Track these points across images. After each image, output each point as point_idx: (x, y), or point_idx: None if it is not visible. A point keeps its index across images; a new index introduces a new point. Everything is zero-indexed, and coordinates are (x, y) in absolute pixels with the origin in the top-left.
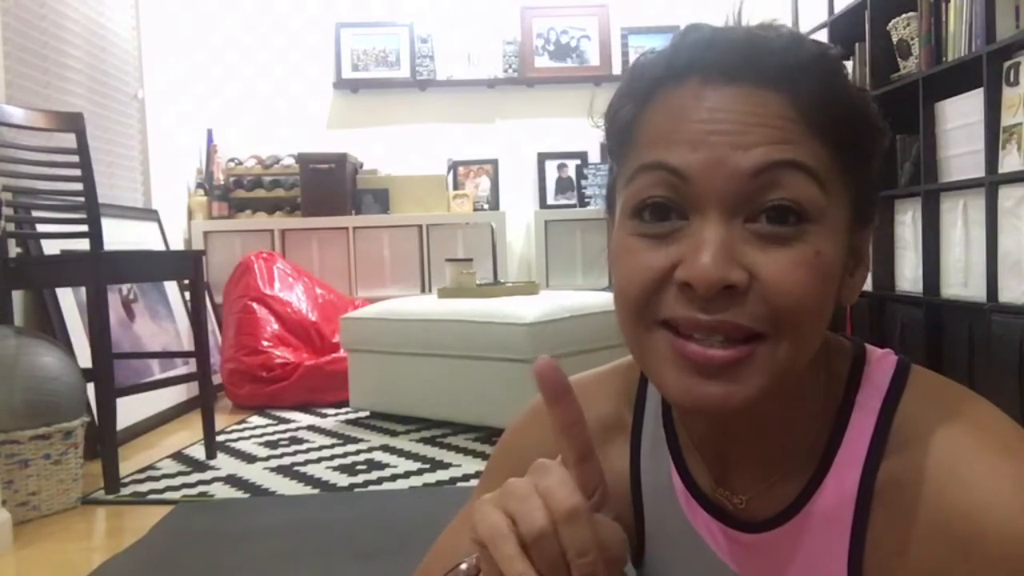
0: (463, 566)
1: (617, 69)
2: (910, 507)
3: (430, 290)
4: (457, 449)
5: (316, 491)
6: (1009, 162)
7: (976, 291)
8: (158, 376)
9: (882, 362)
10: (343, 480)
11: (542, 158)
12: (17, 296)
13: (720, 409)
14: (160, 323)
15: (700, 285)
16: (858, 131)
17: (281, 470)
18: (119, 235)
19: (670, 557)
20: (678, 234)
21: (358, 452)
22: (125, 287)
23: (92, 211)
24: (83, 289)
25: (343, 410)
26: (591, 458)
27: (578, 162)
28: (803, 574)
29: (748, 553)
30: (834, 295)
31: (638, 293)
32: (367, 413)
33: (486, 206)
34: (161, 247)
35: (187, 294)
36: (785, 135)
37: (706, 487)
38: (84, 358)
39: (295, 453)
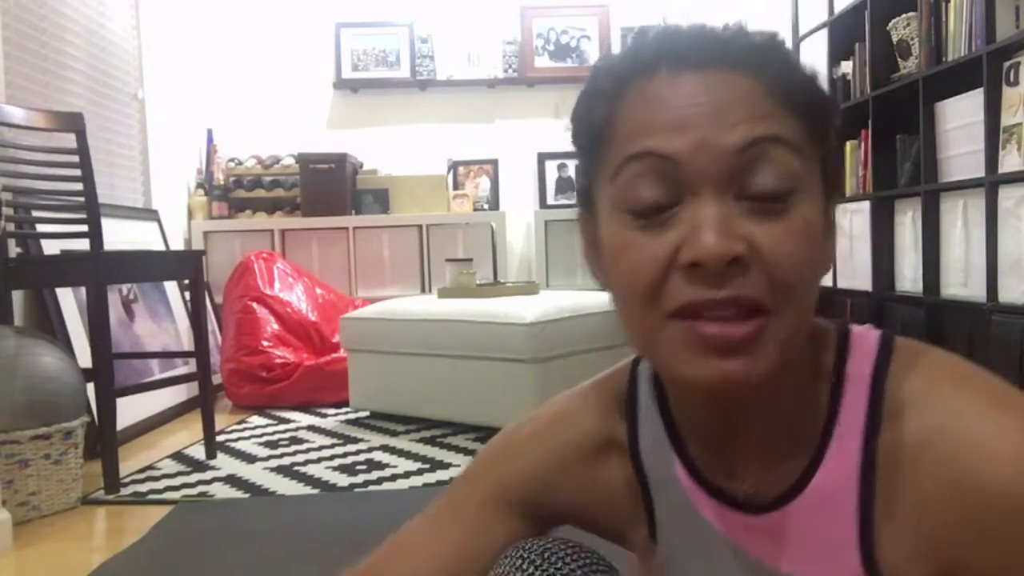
0: None
1: None
2: (914, 473)
3: (430, 290)
4: (457, 449)
5: (316, 491)
6: (1009, 162)
7: (976, 291)
8: (158, 376)
9: (867, 335)
10: (343, 480)
11: (542, 158)
12: (17, 296)
13: (742, 385)
14: (160, 323)
15: (709, 261)
16: (819, 102)
17: (281, 470)
18: (119, 235)
19: (683, 547)
20: (674, 219)
21: (358, 452)
22: (125, 287)
23: (92, 211)
24: (83, 289)
25: (343, 410)
26: None
27: (578, 162)
28: (814, 550)
29: (758, 535)
30: (821, 262)
31: (645, 285)
32: (367, 413)
33: (486, 206)
34: (161, 247)
35: (187, 294)
36: (761, 111)
37: (711, 475)
38: (84, 358)
39: (295, 453)
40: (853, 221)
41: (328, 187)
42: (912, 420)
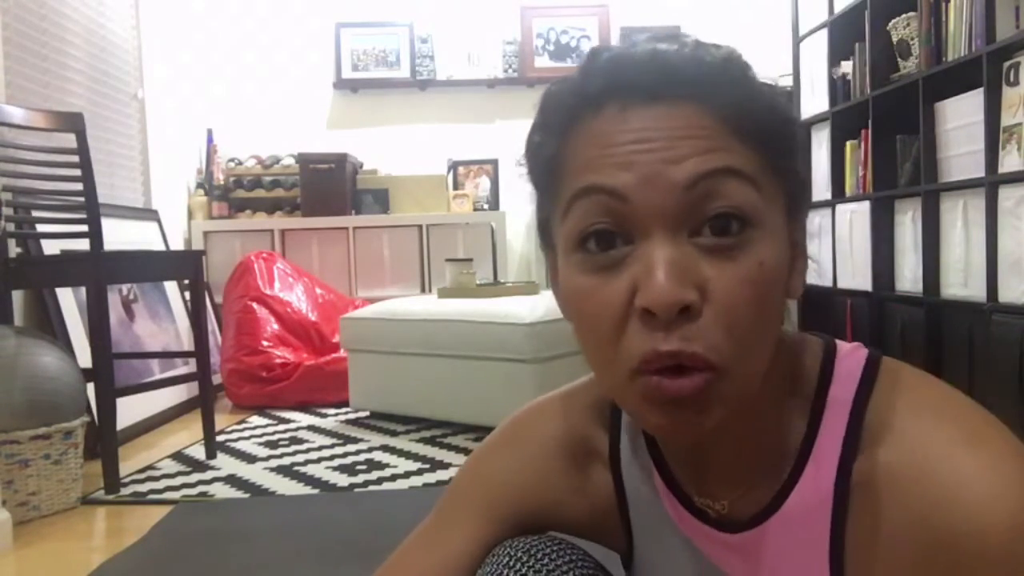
0: None
1: None
2: (885, 504)
3: (430, 290)
4: (457, 449)
5: (316, 491)
6: (1009, 162)
7: (976, 291)
8: (158, 376)
9: (852, 356)
10: (343, 480)
11: None
12: (17, 296)
13: (695, 435)
14: (160, 323)
15: (659, 309)
16: (777, 128)
17: (281, 470)
18: (119, 235)
19: (659, 559)
20: (628, 260)
21: (358, 452)
22: (125, 287)
23: (92, 211)
24: (83, 289)
25: (343, 410)
26: None
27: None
28: (786, 570)
29: (732, 553)
30: (781, 298)
31: (604, 334)
32: (367, 413)
33: (486, 206)
34: (161, 247)
35: (187, 294)
36: (712, 144)
37: (689, 489)
38: (84, 358)
39: (295, 453)
40: (853, 221)
41: (328, 187)
42: (889, 450)
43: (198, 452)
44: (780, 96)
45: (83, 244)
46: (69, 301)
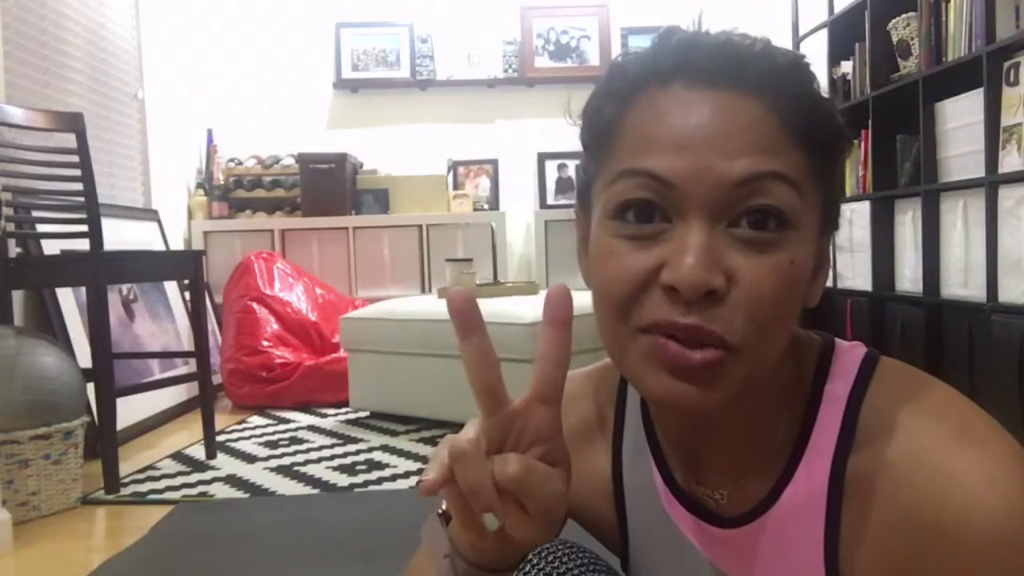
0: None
1: None
2: (878, 497)
3: (430, 290)
4: None
5: (316, 491)
6: (1009, 162)
7: (976, 291)
8: (158, 376)
9: (850, 353)
10: (343, 480)
11: (542, 158)
12: (17, 296)
13: (696, 410)
14: (160, 323)
15: (685, 288)
16: (830, 137)
17: (281, 470)
18: (119, 235)
19: (653, 554)
20: (662, 236)
21: (358, 452)
22: (125, 287)
23: (92, 211)
24: (83, 289)
25: (343, 410)
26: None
27: (578, 162)
28: (780, 567)
29: (725, 548)
30: (802, 299)
31: (622, 295)
32: (367, 413)
33: (486, 206)
34: (161, 247)
35: (187, 294)
36: (768, 144)
37: (685, 483)
38: (84, 358)
39: (295, 453)
40: (853, 221)
41: (328, 187)
42: (882, 446)
43: (198, 452)
44: (836, 108)
45: (83, 244)
46: (69, 301)
